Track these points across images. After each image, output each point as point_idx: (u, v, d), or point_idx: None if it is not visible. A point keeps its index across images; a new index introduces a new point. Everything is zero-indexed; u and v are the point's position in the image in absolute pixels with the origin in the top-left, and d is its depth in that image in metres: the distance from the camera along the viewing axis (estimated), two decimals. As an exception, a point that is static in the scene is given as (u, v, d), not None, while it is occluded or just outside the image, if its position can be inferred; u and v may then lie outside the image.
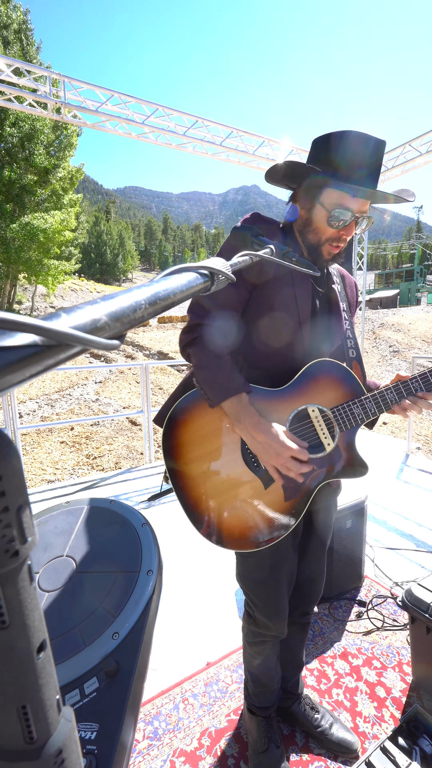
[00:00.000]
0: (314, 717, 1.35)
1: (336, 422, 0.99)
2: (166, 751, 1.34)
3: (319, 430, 0.99)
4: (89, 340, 0.23)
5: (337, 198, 0.93)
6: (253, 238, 0.87)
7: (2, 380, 0.19)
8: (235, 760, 1.30)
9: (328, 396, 1.00)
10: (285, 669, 1.36)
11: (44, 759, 0.27)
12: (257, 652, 1.23)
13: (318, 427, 0.98)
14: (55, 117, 4.02)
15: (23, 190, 20.32)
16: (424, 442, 6.27)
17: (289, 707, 1.39)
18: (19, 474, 0.23)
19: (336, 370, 1.01)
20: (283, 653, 1.34)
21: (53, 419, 7.45)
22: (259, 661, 1.24)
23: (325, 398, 1.00)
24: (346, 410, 0.99)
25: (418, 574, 2.23)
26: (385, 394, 0.99)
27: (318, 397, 0.99)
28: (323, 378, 1.00)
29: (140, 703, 0.41)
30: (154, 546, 0.54)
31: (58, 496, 3.47)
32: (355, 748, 1.29)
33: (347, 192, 0.92)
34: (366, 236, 6.04)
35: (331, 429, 1.00)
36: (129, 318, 0.29)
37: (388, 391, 1.00)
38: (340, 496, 2.08)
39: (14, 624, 0.24)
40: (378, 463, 4.10)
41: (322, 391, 1.00)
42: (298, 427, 0.99)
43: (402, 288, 46.10)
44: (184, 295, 0.38)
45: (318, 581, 1.27)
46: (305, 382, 0.99)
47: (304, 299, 1.01)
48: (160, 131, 4.36)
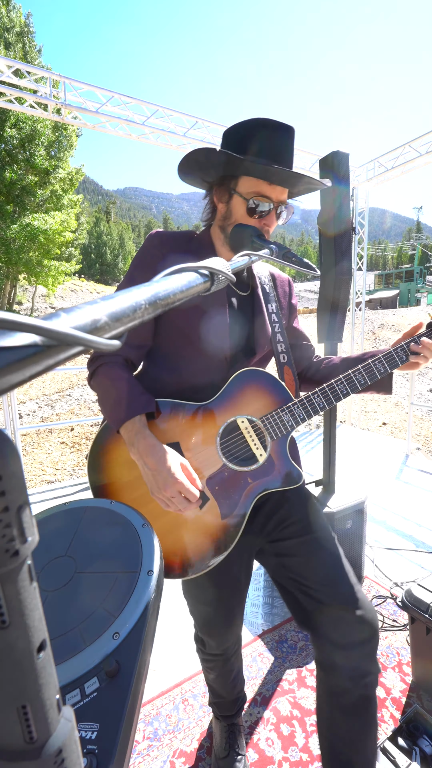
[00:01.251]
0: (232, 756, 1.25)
1: (266, 431, 0.96)
2: (166, 752, 1.33)
3: (250, 441, 0.96)
4: (89, 340, 0.24)
5: (255, 186, 0.90)
6: (253, 237, 0.87)
7: (2, 380, 0.19)
8: (235, 760, 1.30)
9: (257, 405, 0.97)
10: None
11: (44, 759, 0.27)
12: (209, 668, 1.21)
13: (249, 438, 0.96)
14: (55, 118, 4.02)
15: (23, 191, 20.31)
16: (424, 442, 6.26)
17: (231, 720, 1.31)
18: (19, 474, 0.23)
19: (261, 378, 0.99)
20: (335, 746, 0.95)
21: (53, 420, 7.45)
22: (213, 676, 1.22)
23: (254, 408, 0.97)
24: (275, 418, 0.96)
25: (418, 574, 2.23)
26: (312, 398, 0.98)
27: (246, 408, 0.97)
28: (249, 388, 0.97)
29: (140, 703, 0.41)
30: (155, 546, 0.54)
31: (58, 497, 3.47)
32: None
33: (262, 177, 0.89)
34: (366, 237, 6.03)
35: (262, 439, 0.97)
36: (129, 318, 0.29)
37: (315, 395, 0.98)
38: (341, 496, 2.09)
39: (14, 624, 0.24)
40: (378, 463, 4.10)
41: (250, 401, 0.97)
42: (229, 440, 0.96)
43: (402, 288, 46.12)
44: (185, 295, 0.38)
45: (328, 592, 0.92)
46: (232, 393, 0.97)
47: (218, 310, 0.98)
48: (160, 132, 4.36)
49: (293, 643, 1.78)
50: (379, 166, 5.40)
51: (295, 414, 0.97)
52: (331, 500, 2.05)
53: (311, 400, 0.98)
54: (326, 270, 2.03)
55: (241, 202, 0.92)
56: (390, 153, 5.22)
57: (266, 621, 1.93)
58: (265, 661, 1.69)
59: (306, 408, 0.98)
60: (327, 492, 2.16)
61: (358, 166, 5.61)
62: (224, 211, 0.97)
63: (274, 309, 1.09)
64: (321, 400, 0.98)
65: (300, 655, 1.72)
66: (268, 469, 0.97)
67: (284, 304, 1.16)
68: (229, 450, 0.96)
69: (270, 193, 0.91)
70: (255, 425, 0.97)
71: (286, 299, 1.17)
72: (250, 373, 0.99)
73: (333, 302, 2.06)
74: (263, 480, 0.96)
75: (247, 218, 0.92)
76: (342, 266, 1.97)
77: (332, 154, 1.94)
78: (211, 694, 1.30)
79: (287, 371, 1.07)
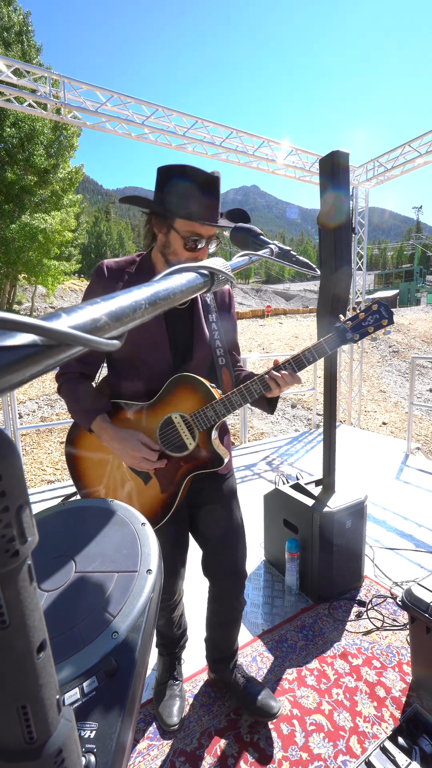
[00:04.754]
0: (243, 683, 1.48)
1: (195, 425, 1.16)
2: (166, 751, 1.34)
3: (182, 432, 1.17)
4: (89, 340, 0.24)
5: (189, 226, 1.07)
6: (253, 238, 0.88)
7: (2, 380, 0.19)
8: (235, 760, 1.30)
9: (187, 404, 1.17)
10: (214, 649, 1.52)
11: (44, 759, 0.27)
12: (160, 615, 1.42)
13: (181, 430, 1.17)
14: (54, 118, 4.02)
15: (23, 191, 20.28)
16: (423, 442, 6.27)
17: (222, 673, 1.52)
18: (19, 474, 0.23)
19: (191, 381, 1.17)
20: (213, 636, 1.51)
21: (53, 419, 7.45)
22: (163, 621, 1.47)
23: (185, 406, 1.17)
24: (201, 415, 1.15)
25: (418, 574, 2.23)
26: (231, 397, 1.16)
27: (179, 406, 1.17)
28: (181, 389, 1.17)
29: (140, 702, 0.41)
30: (154, 545, 0.54)
31: (58, 497, 3.47)
32: (273, 712, 1.40)
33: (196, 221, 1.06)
34: (366, 236, 6.03)
35: (192, 431, 1.17)
36: (129, 318, 0.29)
37: (233, 395, 1.17)
38: (341, 496, 2.09)
39: (14, 624, 0.24)
40: (378, 463, 4.10)
41: (182, 401, 1.17)
42: (166, 432, 1.17)
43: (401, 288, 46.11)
44: (185, 294, 0.38)
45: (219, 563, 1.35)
46: (168, 394, 1.18)
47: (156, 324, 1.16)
48: (159, 132, 4.35)
49: (293, 643, 1.79)
50: (379, 166, 5.40)
51: (217, 410, 1.16)
52: (331, 500, 2.05)
53: (230, 399, 1.17)
54: (326, 270, 2.03)
55: (178, 237, 1.08)
56: (390, 153, 5.22)
57: (266, 621, 1.93)
58: (264, 661, 1.69)
59: (226, 405, 1.16)
60: (327, 492, 2.16)
61: (358, 166, 5.61)
62: (164, 241, 1.12)
63: (214, 318, 1.28)
64: (238, 398, 1.17)
65: (300, 655, 1.72)
66: (196, 454, 1.19)
67: (224, 314, 1.34)
68: (167, 440, 1.17)
69: (202, 232, 1.08)
70: (186, 420, 1.17)
71: (225, 309, 1.35)
72: (182, 377, 1.17)
73: (333, 302, 2.06)
74: (192, 463, 1.20)
75: (183, 250, 1.09)
76: (342, 266, 1.97)
77: (332, 154, 1.94)
78: (158, 637, 1.55)
79: (225, 372, 1.28)
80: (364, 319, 1.18)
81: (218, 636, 1.49)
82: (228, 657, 1.51)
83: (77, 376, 1.19)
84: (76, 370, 1.19)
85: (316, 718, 1.44)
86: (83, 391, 1.16)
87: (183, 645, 1.61)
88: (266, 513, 2.38)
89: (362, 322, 1.18)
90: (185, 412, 1.17)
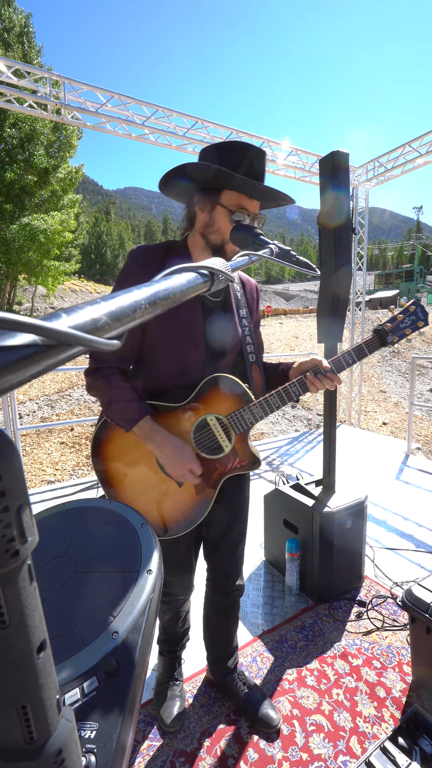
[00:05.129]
0: (244, 691, 1.47)
1: (231, 427, 1.14)
2: (166, 752, 1.33)
3: (218, 434, 1.14)
4: (89, 340, 0.24)
5: (237, 199, 1.04)
6: (253, 238, 0.88)
7: (2, 380, 0.19)
8: (235, 760, 1.30)
9: (223, 405, 1.14)
10: (213, 645, 1.52)
11: (44, 759, 0.27)
12: (168, 609, 1.42)
13: (216, 432, 1.14)
14: (55, 118, 4.02)
15: (23, 191, 20.28)
16: (424, 442, 6.26)
17: (223, 678, 1.51)
18: (19, 474, 0.24)
19: (227, 382, 1.14)
20: (211, 630, 1.51)
21: (53, 420, 7.45)
22: (169, 616, 1.45)
23: (221, 408, 1.14)
24: (238, 417, 1.13)
25: (418, 574, 2.23)
26: (269, 399, 1.13)
27: (214, 408, 1.14)
28: (216, 391, 1.14)
29: (140, 702, 0.41)
30: (154, 546, 0.54)
31: (58, 497, 3.47)
32: (274, 725, 1.39)
33: (246, 193, 1.03)
34: (366, 237, 6.03)
35: (228, 433, 1.15)
36: (129, 318, 0.29)
37: (271, 397, 1.13)
38: (341, 496, 2.09)
39: (14, 624, 0.24)
40: (378, 463, 4.10)
41: (218, 402, 1.14)
42: (200, 435, 1.14)
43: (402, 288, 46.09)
44: (185, 294, 0.38)
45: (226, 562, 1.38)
46: (202, 396, 1.14)
47: (194, 319, 1.12)
48: (159, 132, 4.35)
49: (293, 643, 1.78)
50: (379, 166, 5.40)
51: (254, 413, 1.13)
52: (331, 500, 2.05)
53: (268, 402, 1.14)
54: (326, 270, 2.03)
55: (224, 212, 1.04)
56: (390, 153, 5.22)
57: (266, 621, 1.93)
58: (265, 661, 1.69)
59: (264, 408, 1.14)
60: (327, 492, 2.16)
61: (358, 166, 5.61)
62: (206, 220, 1.08)
63: (244, 314, 1.24)
64: (277, 400, 1.14)
65: (300, 655, 1.72)
66: (233, 456, 1.17)
67: (253, 310, 1.30)
68: (201, 442, 1.15)
69: (249, 206, 1.05)
70: (222, 422, 1.14)
71: (254, 305, 1.31)
72: (217, 378, 1.14)
73: (333, 302, 2.06)
74: (228, 465, 1.17)
75: (229, 227, 1.04)
76: (342, 266, 1.97)
77: (332, 154, 1.94)
78: (162, 633, 1.53)
79: (255, 369, 1.24)
80: (402, 321, 1.16)
81: (216, 626, 1.48)
82: (227, 655, 1.51)
83: (115, 372, 1.11)
84: (114, 366, 1.12)
85: (317, 718, 1.44)
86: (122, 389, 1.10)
87: (184, 644, 1.60)
88: (266, 513, 2.38)
89: (400, 324, 1.16)
90: (221, 413, 1.14)
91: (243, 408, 1.13)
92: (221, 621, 1.47)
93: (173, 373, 1.15)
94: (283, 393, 1.13)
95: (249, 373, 1.23)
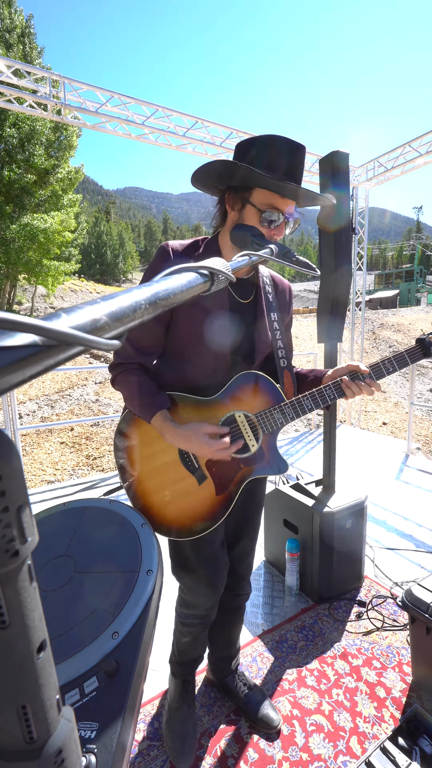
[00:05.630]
0: (244, 692, 1.45)
1: (259, 426, 1.10)
2: (166, 752, 1.33)
3: (245, 433, 1.10)
4: (89, 340, 0.24)
5: (268, 198, 0.97)
6: (253, 238, 0.88)
7: (2, 380, 0.19)
8: (235, 760, 1.30)
9: (253, 403, 1.11)
10: (217, 646, 1.49)
11: (44, 759, 0.27)
12: (188, 632, 1.33)
13: (244, 430, 1.10)
14: (55, 118, 4.02)
15: (23, 191, 20.27)
16: (424, 442, 6.26)
17: (224, 679, 1.50)
18: (19, 474, 0.23)
19: (259, 380, 1.11)
20: (216, 632, 1.46)
21: (53, 420, 7.45)
22: (188, 639, 1.34)
23: (250, 405, 1.11)
24: (268, 416, 1.09)
25: (418, 574, 2.23)
26: (302, 401, 1.09)
27: (243, 405, 1.10)
28: (248, 388, 1.11)
29: (140, 702, 0.41)
30: (155, 546, 0.54)
31: (58, 497, 3.47)
32: (274, 725, 1.38)
33: (276, 192, 0.96)
34: (366, 237, 6.03)
35: (255, 432, 1.10)
36: (129, 318, 0.29)
37: (304, 398, 1.10)
38: (341, 496, 2.09)
39: (14, 624, 0.24)
40: (378, 463, 4.10)
41: (248, 399, 1.11)
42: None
43: (402, 288, 46.09)
44: (185, 294, 0.38)
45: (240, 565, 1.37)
46: (232, 391, 1.10)
47: (221, 316, 1.07)
48: (159, 132, 4.35)
49: (293, 644, 1.78)
50: (379, 166, 5.40)
51: (285, 413, 1.09)
52: (331, 500, 2.05)
53: (301, 403, 1.10)
54: (326, 270, 2.03)
55: (254, 212, 0.98)
56: (390, 153, 5.22)
57: (266, 621, 1.93)
58: (265, 661, 1.69)
59: (296, 409, 1.10)
60: (327, 492, 2.16)
61: (358, 166, 5.61)
62: (236, 218, 1.03)
63: (276, 317, 1.18)
64: (310, 402, 1.10)
65: (300, 655, 1.72)
66: (259, 458, 1.12)
67: (285, 312, 1.25)
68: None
69: (281, 206, 0.98)
70: (250, 420, 1.10)
71: (285, 308, 1.25)
72: (250, 375, 1.11)
73: (333, 302, 2.06)
74: (253, 466, 1.12)
75: (259, 227, 0.98)
76: (342, 266, 1.97)
77: (332, 154, 1.94)
78: (177, 654, 1.42)
79: (287, 375, 1.18)
80: None
81: (221, 628, 1.46)
82: (230, 656, 1.51)
83: (136, 368, 1.09)
84: (136, 361, 1.10)
85: (317, 718, 1.44)
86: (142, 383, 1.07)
87: (196, 666, 1.48)
88: (266, 513, 2.38)
89: None
90: (250, 411, 1.10)
91: (274, 407, 1.09)
92: (227, 623, 1.45)
93: (200, 375, 1.11)
94: (317, 395, 1.09)
95: (280, 378, 1.17)
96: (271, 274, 1.23)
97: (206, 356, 1.08)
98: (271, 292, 1.20)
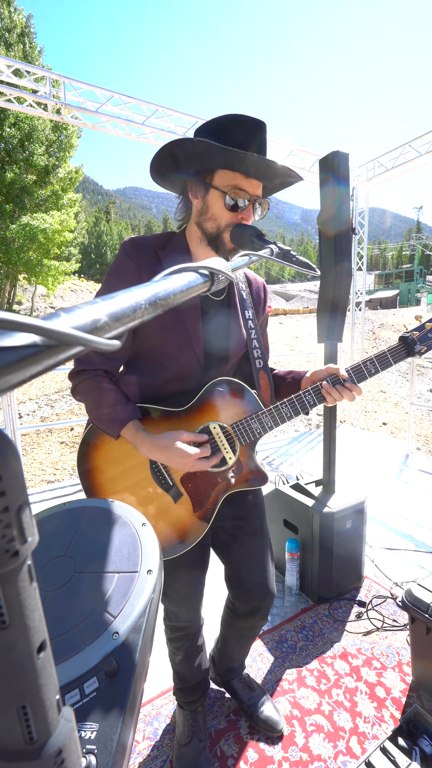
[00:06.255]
0: (248, 694, 1.44)
1: (236, 437, 1.03)
2: (166, 752, 1.33)
3: (221, 445, 1.02)
4: (89, 340, 0.23)
5: (231, 179, 0.91)
6: (253, 237, 0.87)
7: (2, 380, 0.19)
8: (235, 760, 1.30)
9: (228, 413, 1.04)
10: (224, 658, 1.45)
11: (44, 759, 0.27)
12: (178, 647, 1.26)
13: (220, 442, 1.02)
14: (55, 118, 4.02)
15: (23, 191, 20.29)
16: (424, 442, 6.26)
17: (230, 681, 1.48)
18: (19, 474, 0.23)
19: (234, 387, 1.04)
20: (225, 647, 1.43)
21: (53, 420, 7.45)
22: (180, 657, 1.27)
23: (226, 415, 1.04)
24: (245, 425, 1.02)
25: (418, 574, 2.23)
26: (280, 408, 1.03)
27: (218, 415, 1.03)
28: (222, 397, 1.04)
29: (140, 703, 0.41)
30: (155, 546, 0.53)
31: (58, 497, 3.47)
32: (278, 728, 1.37)
33: (240, 171, 0.90)
34: (366, 237, 6.03)
35: (232, 444, 1.03)
36: (129, 318, 0.29)
37: (283, 406, 1.03)
38: (341, 496, 2.09)
39: (14, 624, 0.24)
40: (378, 463, 4.10)
41: (222, 409, 1.04)
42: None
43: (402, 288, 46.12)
44: (185, 294, 0.38)
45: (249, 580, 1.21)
46: (205, 401, 1.03)
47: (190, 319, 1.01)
48: (159, 132, 4.35)
49: (293, 644, 1.78)
50: (379, 166, 5.40)
51: (263, 422, 1.02)
52: (331, 500, 2.05)
53: (279, 410, 1.03)
54: (326, 270, 2.02)
55: (218, 195, 0.92)
56: (390, 153, 5.22)
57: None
58: (265, 661, 1.69)
59: (274, 417, 1.03)
60: (327, 492, 2.16)
61: (358, 166, 5.61)
62: (200, 207, 0.96)
63: (250, 315, 1.13)
64: (289, 410, 1.03)
65: (300, 655, 1.72)
66: (236, 471, 1.05)
67: (260, 311, 1.19)
68: None
69: (247, 187, 0.92)
70: (226, 431, 1.03)
71: (261, 305, 1.19)
72: (223, 383, 1.04)
73: (333, 302, 2.06)
74: (232, 480, 1.05)
75: (224, 212, 0.93)
76: (342, 266, 1.97)
77: (332, 154, 1.94)
78: (177, 681, 1.33)
79: (263, 376, 1.12)
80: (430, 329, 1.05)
81: (234, 648, 1.40)
82: (239, 667, 1.49)
83: (101, 374, 1.00)
84: (100, 367, 1.00)
85: (316, 718, 1.44)
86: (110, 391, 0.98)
87: (204, 693, 1.35)
88: (266, 513, 2.38)
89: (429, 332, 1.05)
90: (225, 422, 1.03)
91: (251, 416, 1.02)
92: (241, 643, 1.38)
93: (169, 379, 1.04)
94: (296, 401, 1.02)
95: (256, 380, 1.11)
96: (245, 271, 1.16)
97: (177, 357, 1.01)
98: (245, 289, 1.14)
